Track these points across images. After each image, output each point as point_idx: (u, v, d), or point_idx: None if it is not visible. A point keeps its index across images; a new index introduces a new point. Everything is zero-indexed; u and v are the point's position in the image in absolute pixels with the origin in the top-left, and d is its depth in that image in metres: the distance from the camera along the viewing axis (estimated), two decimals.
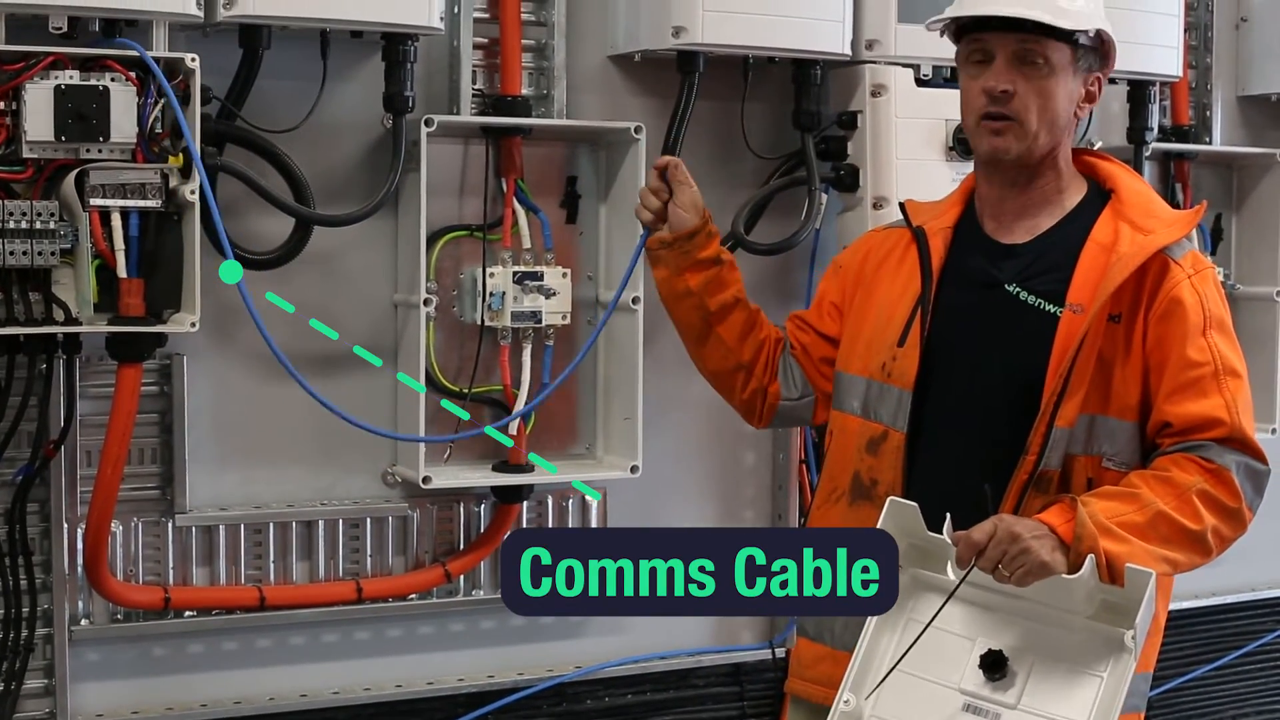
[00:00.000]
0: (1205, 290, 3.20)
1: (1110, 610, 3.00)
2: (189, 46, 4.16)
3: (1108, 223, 3.24)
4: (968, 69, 3.27)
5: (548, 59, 4.80)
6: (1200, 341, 3.15)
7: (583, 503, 5.00)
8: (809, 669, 3.47)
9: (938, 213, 3.44)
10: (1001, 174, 3.30)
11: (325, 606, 4.64)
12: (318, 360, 4.58)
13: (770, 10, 4.67)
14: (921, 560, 3.12)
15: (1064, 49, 3.21)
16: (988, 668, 3.03)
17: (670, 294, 3.56)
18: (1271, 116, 6.05)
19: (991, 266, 3.30)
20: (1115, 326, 3.16)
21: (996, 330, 3.26)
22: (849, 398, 3.43)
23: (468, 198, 4.71)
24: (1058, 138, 3.27)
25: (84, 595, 4.40)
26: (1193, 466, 3.09)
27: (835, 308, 3.58)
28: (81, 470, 4.33)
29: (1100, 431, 3.17)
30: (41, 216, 3.92)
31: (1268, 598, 6.26)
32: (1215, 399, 3.13)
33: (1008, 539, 2.94)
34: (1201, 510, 3.07)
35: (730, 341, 3.56)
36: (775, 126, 5.03)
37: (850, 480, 3.39)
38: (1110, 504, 3.03)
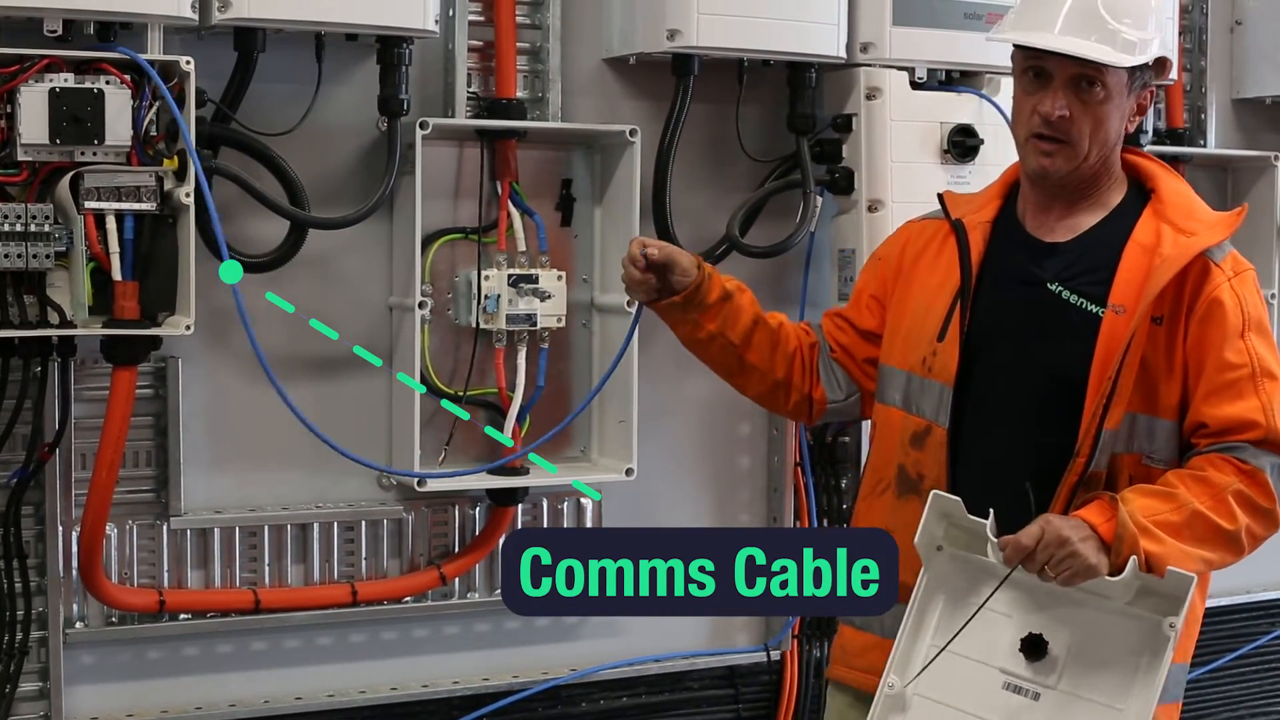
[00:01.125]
0: (1245, 293, 3.22)
1: (1148, 595, 3.04)
2: (184, 49, 4.15)
3: (1149, 223, 3.26)
4: (1022, 82, 3.27)
5: (542, 62, 4.80)
6: (1238, 344, 3.17)
7: (578, 505, 5.00)
8: (857, 658, 3.48)
9: (976, 206, 3.45)
10: (1048, 186, 3.31)
11: (320, 609, 4.63)
12: (314, 363, 4.59)
13: (765, 13, 4.67)
14: (964, 543, 3.14)
15: (1121, 74, 3.21)
16: (1028, 649, 3.07)
17: (695, 343, 3.57)
18: (1266, 119, 6.06)
19: (1033, 264, 3.31)
20: (1157, 328, 3.18)
21: (1038, 328, 3.27)
22: (891, 390, 3.45)
23: (463, 200, 4.71)
24: (1108, 154, 3.29)
25: (79, 598, 4.40)
26: (1228, 467, 3.13)
27: (875, 300, 3.58)
28: (76, 473, 4.32)
29: (1141, 430, 3.19)
30: (36, 219, 3.92)
31: (1263, 600, 6.25)
32: (1252, 401, 3.15)
33: (1055, 543, 2.98)
34: (1236, 510, 3.10)
35: (761, 365, 3.56)
36: (770, 129, 5.03)
37: (895, 473, 3.40)
38: (1148, 502, 3.06)
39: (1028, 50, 3.25)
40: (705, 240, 4.94)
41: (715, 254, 4.91)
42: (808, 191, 4.87)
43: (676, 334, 3.59)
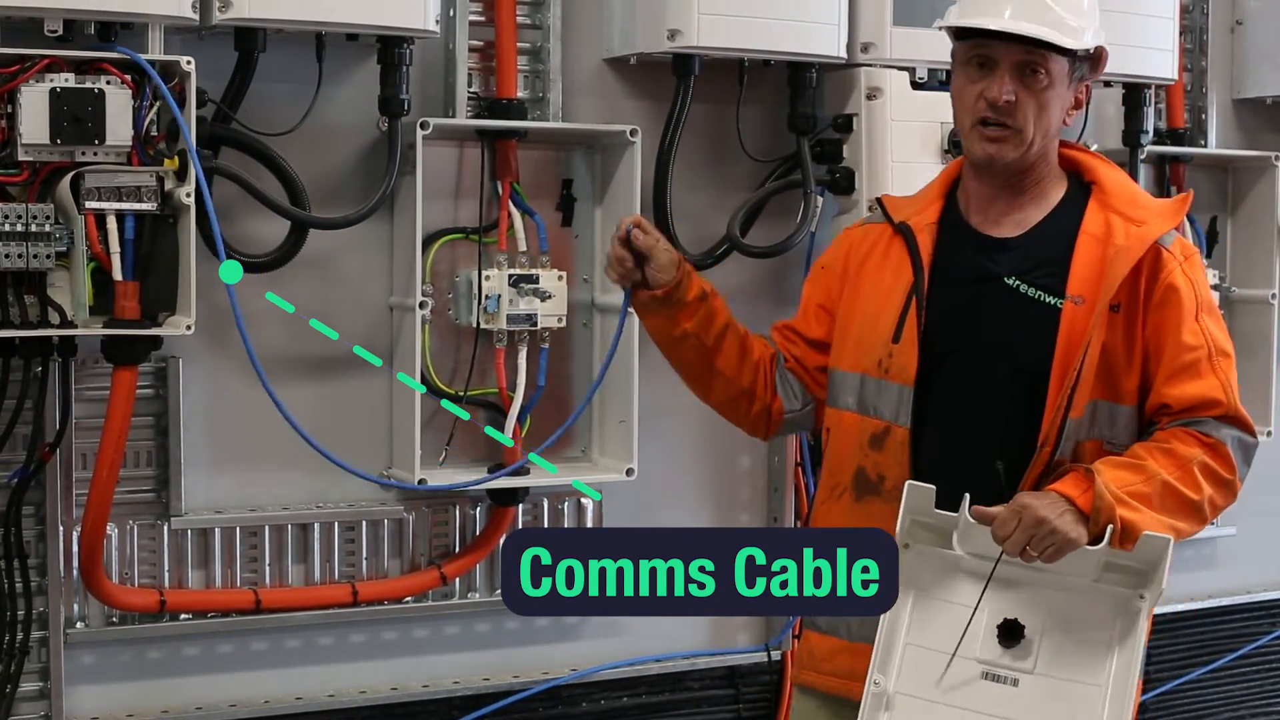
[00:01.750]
0: (1196, 276, 3.30)
1: (1116, 572, 3.08)
2: (184, 49, 4.15)
3: (1097, 214, 3.32)
4: (966, 71, 3.31)
5: (543, 62, 4.80)
6: (1194, 326, 3.25)
7: (578, 505, 5.00)
8: (825, 661, 3.48)
9: (918, 208, 3.47)
10: (993, 175, 3.35)
11: (321, 609, 4.64)
12: (315, 363, 4.59)
13: (766, 13, 4.67)
14: (926, 537, 3.16)
15: (1064, 62, 3.27)
16: (1004, 636, 3.10)
17: (667, 340, 3.57)
18: (1266, 119, 6.06)
19: (986, 260, 3.34)
20: (1115, 316, 3.23)
21: (998, 323, 3.30)
22: (843, 394, 3.45)
23: (463, 200, 4.71)
24: (1049, 144, 3.34)
25: (79, 598, 4.40)
26: (1191, 440, 3.20)
27: (823, 309, 3.59)
28: (77, 473, 4.33)
29: (1103, 417, 3.24)
30: (37, 219, 3.92)
31: (1263, 600, 6.26)
32: (1211, 380, 3.23)
33: (1033, 524, 3.03)
34: (1201, 481, 3.18)
35: (729, 371, 3.56)
36: (770, 129, 5.03)
37: (853, 476, 3.41)
38: (1120, 473, 3.11)
39: (972, 39, 3.28)
40: (706, 240, 4.94)
41: (716, 254, 4.92)
42: (808, 191, 4.87)
43: (649, 327, 3.58)
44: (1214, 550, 6.22)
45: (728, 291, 4.91)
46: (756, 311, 4.17)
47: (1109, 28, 5.20)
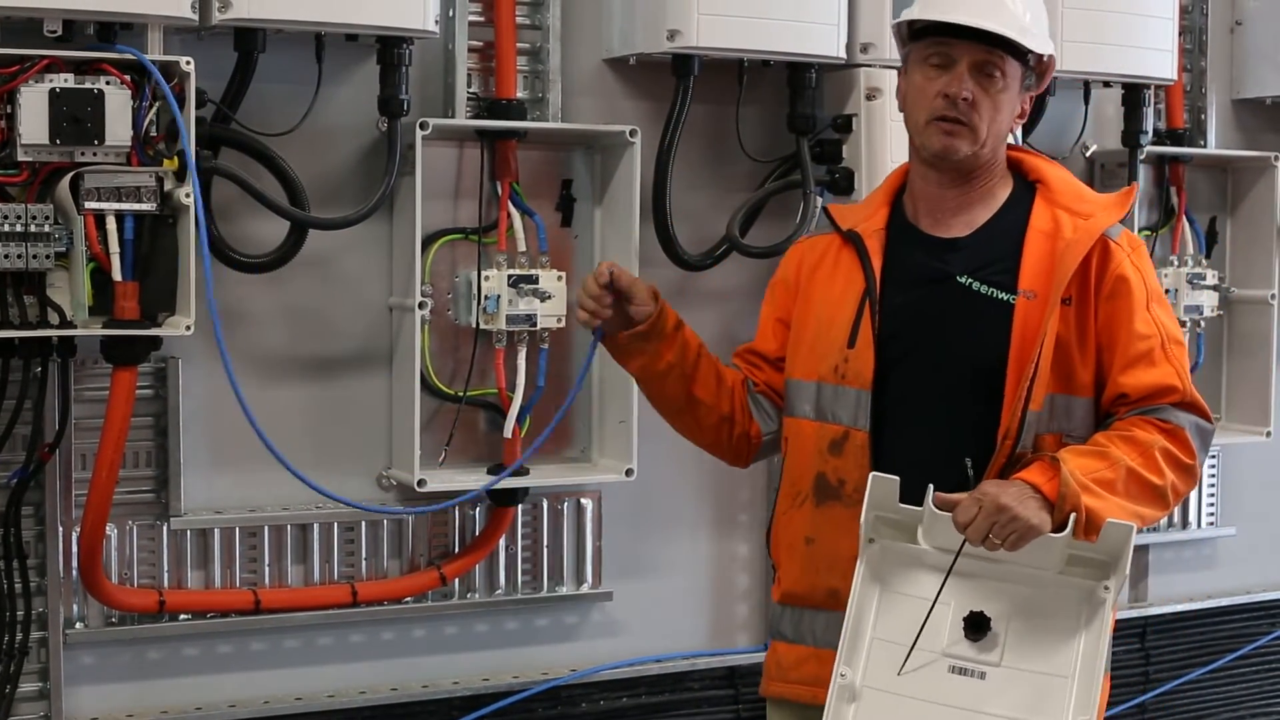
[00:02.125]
0: (1143, 265, 3.35)
1: (1078, 564, 3.10)
2: (184, 50, 4.15)
3: (1044, 211, 3.36)
4: (924, 69, 3.33)
5: (543, 62, 4.80)
6: (1145, 315, 3.29)
7: (578, 506, 5.00)
8: (793, 670, 3.48)
9: (865, 215, 3.49)
10: (943, 173, 3.37)
11: (320, 610, 4.64)
12: (314, 363, 4.59)
13: (765, 14, 4.67)
14: (891, 532, 3.17)
15: (1018, 67, 3.32)
16: (971, 628, 3.11)
17: (652, 376, 3.56)
18: (1266, 120, 6.07)
19: (936, 260, 3.36)
20: (1068, 309, 3.26)
21: (953, 322, 3.32)
22: (800, 402, 3.46)
23: (463, 201, 4.71)
24: (998, 145, 3.38)
25: (79, 598, 4.40)
26: (1151, 427, 3.23)
27: (781, 324, 3.60)
28: (76, 473, 4.33)
29: (1060, 410, 3.27)
30: (36, 220, 3.92)
31: (1263, 600, 6.27)
32: (1165, 367, 3.28)
33: (995, 510, 3.03)
34: (1164, 467, 3.21)
35: (708, 398, 3.57)
36: (770, 130, 5.03)
37: (813, 482, 3.41)
38: (1085, 461, 3.14)
39: (931, 38, 3.30)
40: (705, 240, 4.94)
41: (715, 254, 4.92)
42: (808, 192, 4.87)
43: (633, 369, 3.57)
44: (1214, 551, 6.23)
45: (727, 292, 4.97)
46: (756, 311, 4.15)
47: (1109, 28, 5.25)
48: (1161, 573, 6.09)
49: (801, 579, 3.44)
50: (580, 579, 5.02)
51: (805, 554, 3.42)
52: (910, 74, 3.37)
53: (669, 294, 4.80)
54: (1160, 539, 6.07)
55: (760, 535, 5.19)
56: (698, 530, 5.21)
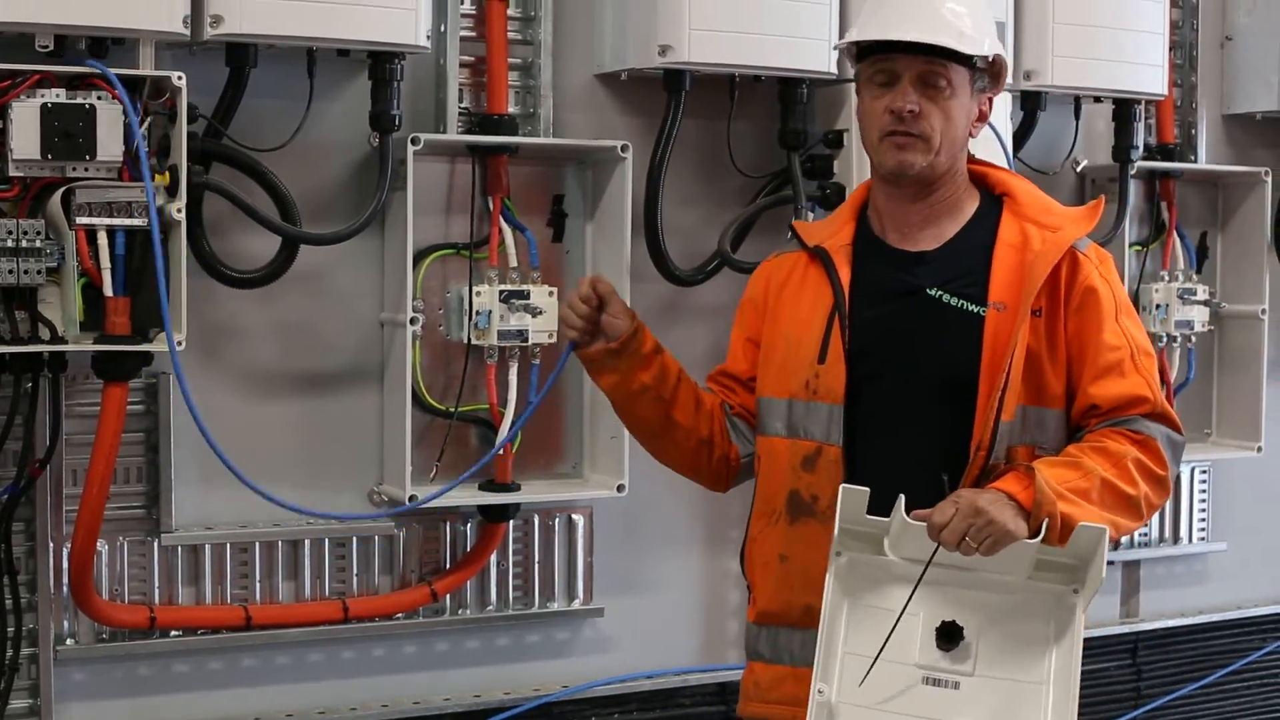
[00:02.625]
0: (1111, 277, 3.35)
1: (1047, 569, 3.10)
2: (176, 65, 4.15)
3: (1012, 224, 3.36)
4: (870, 89, 3.34)
5: (534, 77, 4.80)
6: (1114, 326, 3.29)
7: (569, 522, 4.99)
8: (770, 690, 3.46)
9: (831, 231, 3.49)
10: (904, 188, 3.37)
11: (311, 626, 4.63)
12: (306, 379, 4.59)
13: (756, 29, 4.68)
14: (859, 545, 3.16)
15: (964, 72, 3.32)
16: (943, 638, 3.10)
17: (626, 396, 3.54)
18: (1256, 135, 6.07)
19: (905, 274, 3.36)
20: (1037, 320, 3.27)
21: (923, 334, 3.32)
22: (772, 420, 3.44)
23: (454, 216, 4.71)
24: (956, 154, 3.37)
25: (69, 615, 4.39)
26: (1123, 438, 3.23)
27: (752, 344, 3.58)
28: (67, 489, 4.32)
29: (1032, 421, 3.27)
30: (28, 235, 3.92)
31: (1254, 616, 6.27)
32: (1135, 378, 3.28)
33: (971, 513, 3.03)
34: (1137, 477, 3.21)
35: (687, 422, 3.54)
36: (761, 145, 5.04)
37: (787, 500, 3.40)
38: (1059, 471, 3.14)
39: (873, 56, 3.32)
40: (697, 255, 4.94)
41: (707, 269, 4.92)
42: (799, 207, 4.88)
43: (606, 386, 3.54)
44: (1204, 566, 6.23)
45: (719, 308, 4.96)
46: None
47: (1100, 44, 5.26)
48: (1153, 588, 6.10)
49: (776, 597, 3.42)
50: (572, 595, 5.02)
51: (780, 572, 3.41)
52: (861, 94, 3.38)
53: (660, 309, 4.86)
54: (1151, 554, 6.07)
55: None
56: (689, 546, 5.21)
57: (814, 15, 4.75)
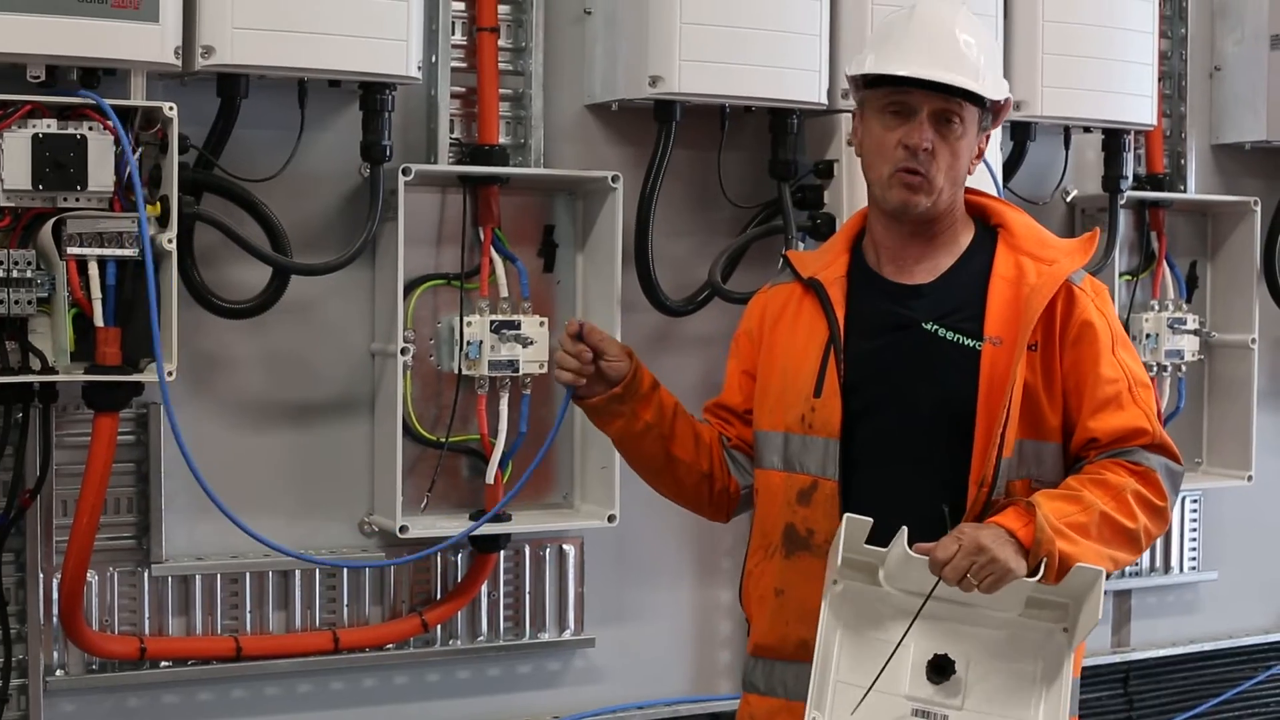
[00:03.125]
0: (1107, 310, 3.35)
1: (1039, 606, 3.10)
2: (167, 95, 4.16)
3: (1007, 257, 3.35)
4: (882, 119, 3.31)
5: (525, 108, 4.81)
6: (1111, 359, 3.28)
7: (560, 552, 4.99)
8: None
9: (825, 262, 3.47)
10: (903, 224, 3.36)
11: (301, 656, 4.62)
12: (296, 409, 4.58)
13: (747, 60, 4.68)
14: (856, 575, 3.16)
15: (975, 112, 3.31)
16: (934, 671, 3.10)
17: (630, 437, 3.53)
18: (1245, 164, 6.09)
19: (900, 308, 3.35)
20: (1033, 354, 3.26)
21: (919, 369, 3.31)
22: (768, 453, 3.44)
23: (445, 246, 4.71)
24: (957, 192, 3.37)
25: (59, 645, 4.38)
26: (1121, 470, 3.23)
27: (748, 376, 3.57)
28: (57, 519, 4.31)
29: (1029, 455, 3.27)
30: (18, 265, 3.92)
31: (1245, 645, 6.27)
32: (1134, 410, 3.27)
33: (974, 550, 3.02)
34: (1136, 509, 3.21)
35: (687, 457, 3.54)
36: (752, 175, 5.04)
37: (783, 534, 3.39)
38: (1058, 505, 3.13)
39: (889, 87, 3.29)
40: (688, 286, 4.95)
41: (698, 300, 4.92)
42: (789, 237, 4.88)
43: (609, 431, 3.54)
44: (1196, 595, 6.23)
45: (710, 338, 4.97)
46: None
47: (1089, 74, 5.28)
48: (1144, 617, 6.09)
49: (771, 630, 3.42)
50: (563, 625, 5.01)
51: (775, 605, 3.41)
52: (868, 122, 3.35)
53: (651, 339, 4.86)
54: (1142, 584, 6.07)
55: None
56: (680, 577, 5.20)
57: (804, 46, 4.76)
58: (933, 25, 3.30)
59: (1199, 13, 5.99)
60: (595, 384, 3.46)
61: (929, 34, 3.29)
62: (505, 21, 4.79)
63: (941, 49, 3.27)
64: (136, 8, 3.96)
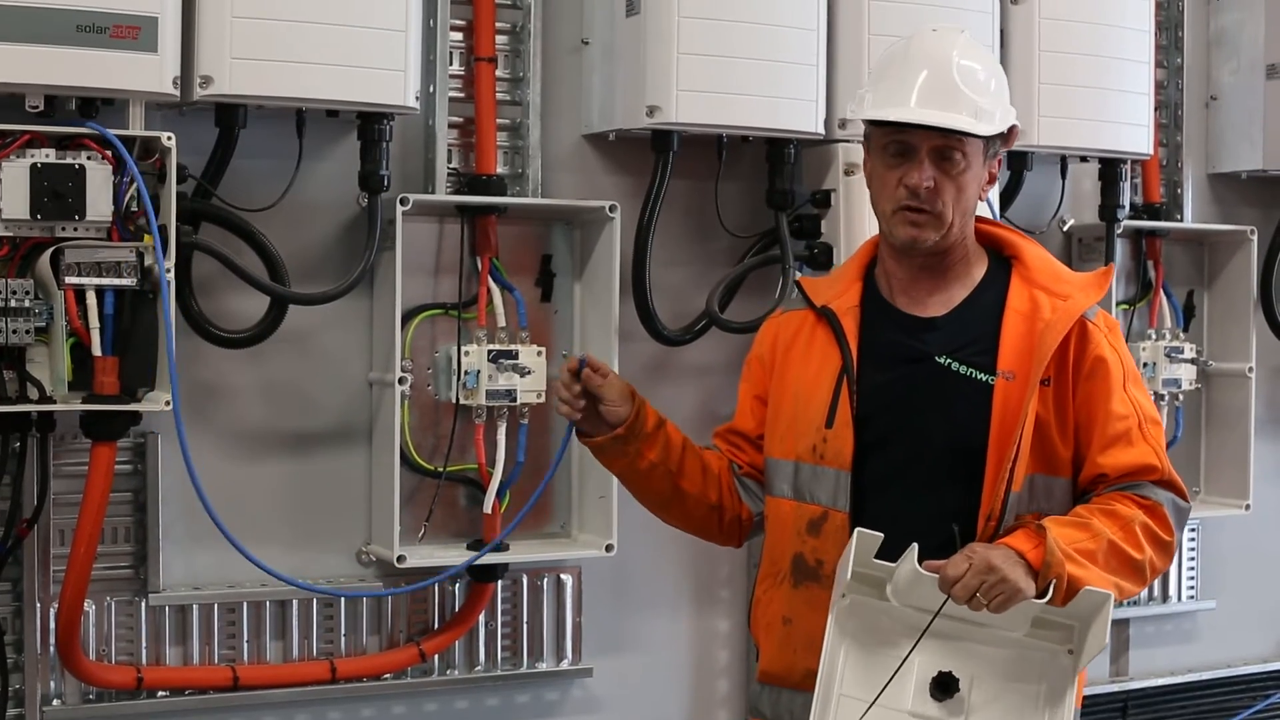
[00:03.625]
0: (1119, 345, 3.35)
1: (1044, 627, 3.11)
2: (165, 125, 4.18)
3: (1021, 290, 3.35)
4: (884, 159, 3.32)
5: (523, 138, 4.82)
6: (1123, 395, 3.29)
7: (557, 582, 4.98)
8: None
9: (838, 291, 3.47)
10: (914, 258, 3.36)
11: (299, 686, 4.61)
12: (294, 438, 4.58)
13: (744, 90, 4.69)
14: (865, 589, 3.16)
15: (978, 144, 3.30)
16: (938, 689, 3.10)
17: (635, 474, 3.54)
18: (1241, 194, 6.10)
19: (913, 339, 3.35)
20: (1046, 389, 3.26)
21: (932, 402, 3.31)
22: (778, 482, 3.44)
23: (443, 276, 4.72)
24: (967, 223, 3.37)
25: (56, 675, 4.37)
26: (1130, 502, 3.23)
27: (759, 401, 3.58)
28: (55, 549, 4.31)
29: (1040, 490, 3.27)
30: (16, 294, 3.93)
31: (1244, 674, 6.26)
32: (1143, 446, 3.28)
33: (984, 569, 3.02)
34: (1143, 541, 3.21)
35: (695, 490, 3.55)
36: (749, 205, 5.05)
37: (791, 563, 3.39)
38: (1067, 531, 3.13)
39: (890, 126, 3.30)
40: (685, 316, 4.95)
41: (695, 329, 4.92)
42: (787, 267, 4.89)
43: (613, 469, 3.56)
44: (1194, 624, 6.22)
45: (707, 367, 4.97)
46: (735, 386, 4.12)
47: (1086, 104, 5.28)
48: (1142, 647, 6.08)
49: (778, 659, 3.42)
50: (560, 655, 5.00)
51: (783, 634, 3.41)
52: (872, 159, 3.36)
53: (648, 368, 4.86)
54: (1141, 613, 6.06)
55: (741, 611, 5.18)
56: (678, 606, 5.19)
57: (801, 76, 4.77)
58: (930, 59, 3.30)
59: (1195, 43, 6.00)
60: (597, 423, 3.46)
61: (925, 70, 3.29)
62: (503, 52, 4.80)
63: (938, 86, 3.27)
64: (135, 38, 3.97)
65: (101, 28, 3.94)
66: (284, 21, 4.16)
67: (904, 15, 4.85)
